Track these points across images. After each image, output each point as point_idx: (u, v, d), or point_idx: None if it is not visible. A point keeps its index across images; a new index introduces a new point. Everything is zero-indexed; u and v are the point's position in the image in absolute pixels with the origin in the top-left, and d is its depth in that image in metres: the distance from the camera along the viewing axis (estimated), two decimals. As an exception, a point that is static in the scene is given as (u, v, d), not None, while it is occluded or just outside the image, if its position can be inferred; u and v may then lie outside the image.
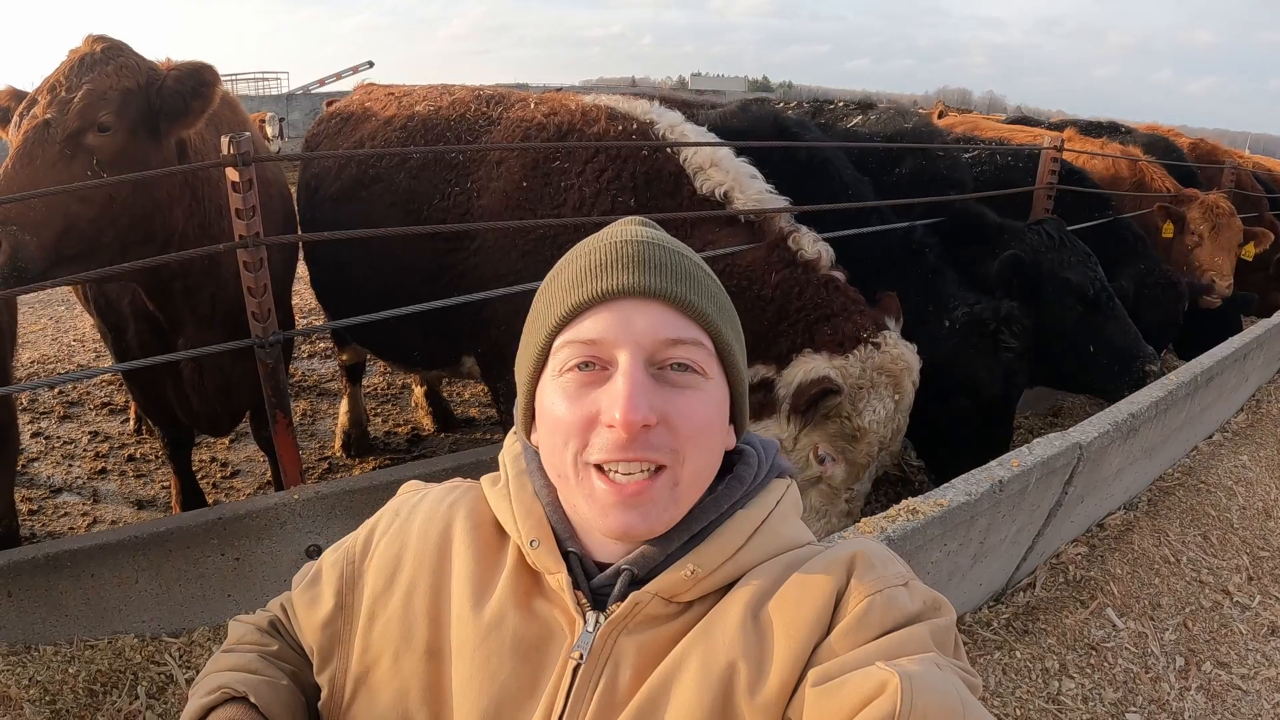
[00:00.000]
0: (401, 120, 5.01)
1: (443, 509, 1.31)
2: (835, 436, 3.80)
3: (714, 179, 4.15)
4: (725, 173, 4.17)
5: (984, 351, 4.51)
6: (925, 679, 0.95)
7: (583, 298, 1.13)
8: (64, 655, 3.46)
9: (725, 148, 4.30)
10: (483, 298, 4.16)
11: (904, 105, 10.21)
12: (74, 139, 3.33)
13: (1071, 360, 5.05)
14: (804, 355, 3.84)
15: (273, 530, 3.78)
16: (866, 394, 3.79)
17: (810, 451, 3.83)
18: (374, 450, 6.43)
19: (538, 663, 1.15)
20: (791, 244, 4.04)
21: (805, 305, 3.93)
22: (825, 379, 3.70)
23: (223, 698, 1.22)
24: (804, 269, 4.01)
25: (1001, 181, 6.26)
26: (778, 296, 3.95)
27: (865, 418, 3.79)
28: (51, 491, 5.69)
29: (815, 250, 4.05)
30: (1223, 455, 6.07)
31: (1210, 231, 7.38)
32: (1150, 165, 8.02)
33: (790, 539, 1.22)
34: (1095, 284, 5.06)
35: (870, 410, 3.80)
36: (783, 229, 4.12)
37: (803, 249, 4.04)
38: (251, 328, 3.76)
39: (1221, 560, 4.76)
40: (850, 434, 3.80)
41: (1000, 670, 3.74)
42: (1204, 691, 3.79)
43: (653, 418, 1.08)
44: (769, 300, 3.95)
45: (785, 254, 4.03)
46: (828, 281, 4.00)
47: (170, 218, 3.69)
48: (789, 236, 4.07)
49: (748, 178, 4.21)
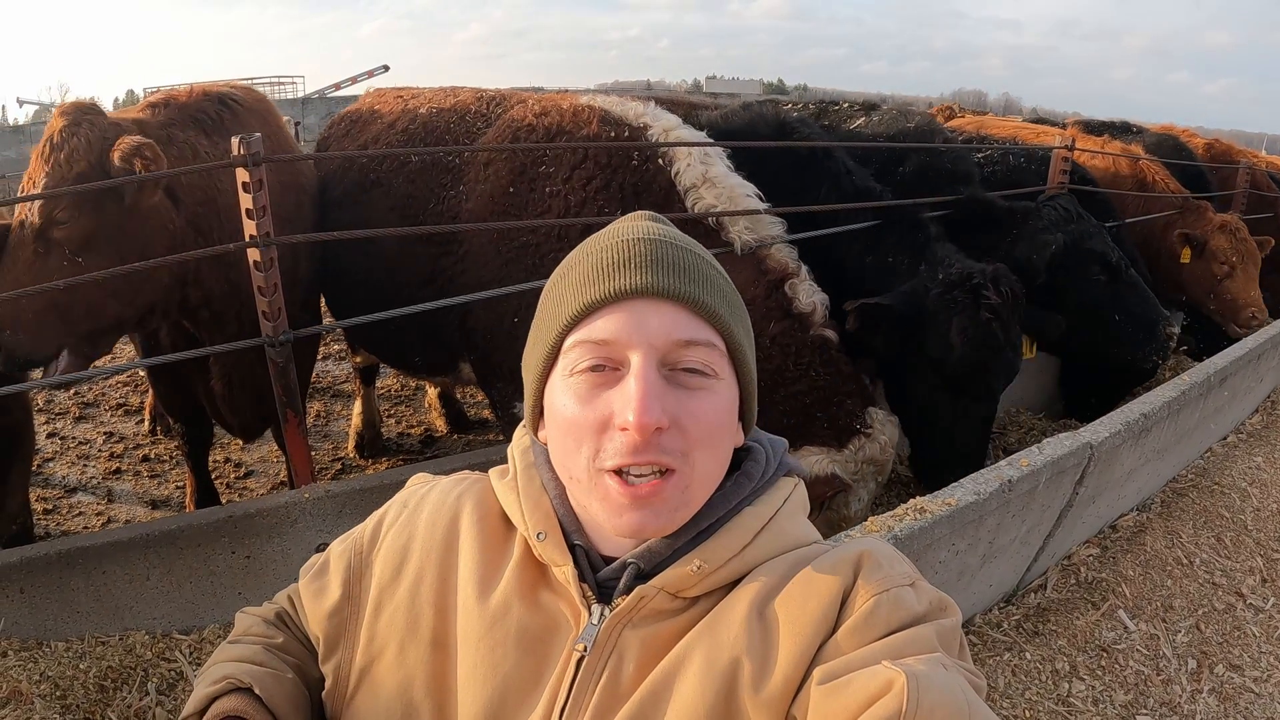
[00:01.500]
0: (404, 123, 5.01)
1: (450, 500, 1.31)
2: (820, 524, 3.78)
3: (706, 200, 4.03)
4: (718, 194, 4.05)
5: (965, 309, 4.20)
6: (932, 679, 0.94)
7: (595, 297, 1.12)
8: (75, 651, 3.48)
9: (722, 164, 4.17)
10: (452, 303, 4.15)
11: (908, 106, 10.17)
12: (42, 236, 3.43)
13: (1099, 331, 5.10)
14: (803, 451, 3.79)
15: (283, 529, 3.79)
16: (856, 487, 3.79)
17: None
18: (387, 451, 6.45)
19: (542, 654, 1.15)
20: (788, 290, 3.95)
21: (803, 385, 3.85)
22: (835, 478, 3.69)
23: (227, 688, 1.23)
24: (798, 323, 3.91)
25: (1011, 182, 6.23)
26: (775, 354, 3.86)
27: (852, 509, 3.80)
28: (67, 491, 5.73)
29: (810, 303, 3.94)
30: (1237, 456, 6.03)
31: (1241, 261, 7.09)
32: (1152, 164, 7.76)
33: (797, 537, 1.22)
34: (1115, 252, 5.07)
35: (857, 501, 3.81)
36: (785, 266, 4.03)
37: (798, 298, 3.94)
38: (262, 327, 3.79)
39: (1235, 562, 4.73)
40: (835, 524, 3.77)
41: (1010, 671, 3.72)
42: (1216, 694, 3.76)
43: (665, 420, 1.07)
44: (766, 354, 3.81)
45: (782, 301, 3.94)
46: (821, 347, 3.91)
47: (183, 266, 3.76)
48: (786, 282, 3.97)
49: (742, 198, 4.10)
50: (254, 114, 4.43)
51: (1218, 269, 7.10)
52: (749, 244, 4.05)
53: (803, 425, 3.84)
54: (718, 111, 5.70)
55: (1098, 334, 5.18)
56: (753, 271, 4.01)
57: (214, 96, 4.27)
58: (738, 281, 3.88)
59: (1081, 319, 5.09)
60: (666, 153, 4.16)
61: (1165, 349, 5.14)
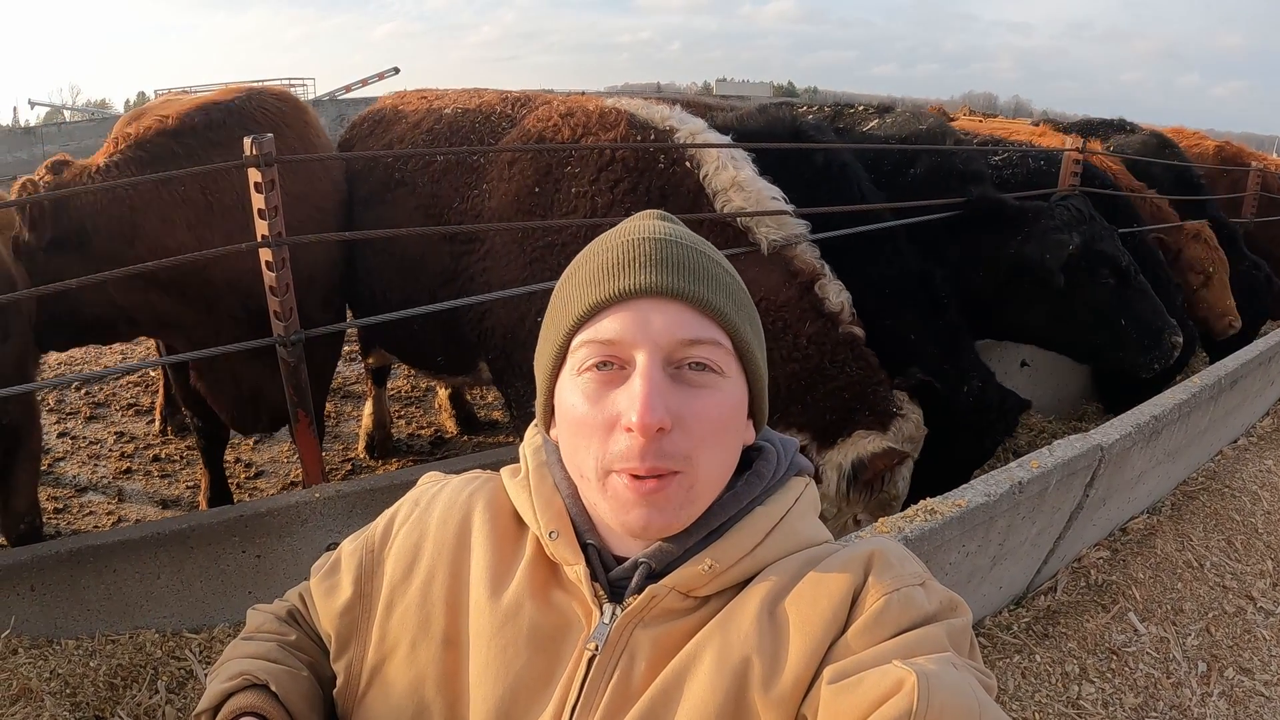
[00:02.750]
0: (429, 123, 5.03)
1: (462, 499, 1.31)
2: (872, 505, 3.92)
3: (735, 203, 4.10)
4: (747, 197, 4.11)
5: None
6: (942, 678, 0.94)
7: (600, 297, 1.13)
8: (85, 649, 3.50)
9: (749, 167, 4.22)
10: (471, 302, 4.20)
11: (922, 109, 10.17)
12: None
13: (1104, 334, 5.09)
14: (856, 435, 3.92)
15: (294, 528, 3.81)
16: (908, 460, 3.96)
17: (849, 520, 3.94)
18: (397, 452, 6.46)
19: (553, 653, 1.15)
20: (819, 290, 4.05)
21: (841, 380, 3.97)
22: (893, 450, 3.82)
23: (244, 684, 1.23)
24: (830, 322, 4.03)
25: (1024, 185, 6.21)
26: (813, 353, 3.97)
27: (899, 485, 3.94)
28: (77, 490, 5.75)
29: (839, 301, 4.06)
30: (1247, 459, 6.01)
31: (1215, 270, 6.93)
32: (1106, 159, 7.38)
33: (808, 536, 1.22)
34: (1125, 255, 5.09)
35: (901, 479, 3.94)
36: (813, 268, 4.11)
37: (828, 298, 4.05)
38: (273, 326, 3.81)
39: (1245, 565, 4.72)
40: (885, 502, 3.91)
41: (1019, 674, 3.71)
42: (1226, 697, 3.75)
43: (668, 420, 1.07)
44: (804, 353, 3.96)
45: (815, 301, 4.04)
46: (852, 344, 4.04)
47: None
48: (816, 283, 4.07)
49: (769, 201, 4.17)
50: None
51: (1194, 278, 6.94)
52: (776, 243, 4.11)
53: (846, 419, 3.96)
54: (733, 114, 5.71)
55: (1101, 336, 5.16)
56: (783, 274, 4.09)
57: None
58: (770, 285, 3.94)
59: (1087, 320, 5.08)
60: (694, 156, 4.20)
61: (1169, 357, 5.11)
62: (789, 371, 3.93)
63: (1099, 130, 9.07)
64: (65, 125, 26.86)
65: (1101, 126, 9.30)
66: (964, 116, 11.31)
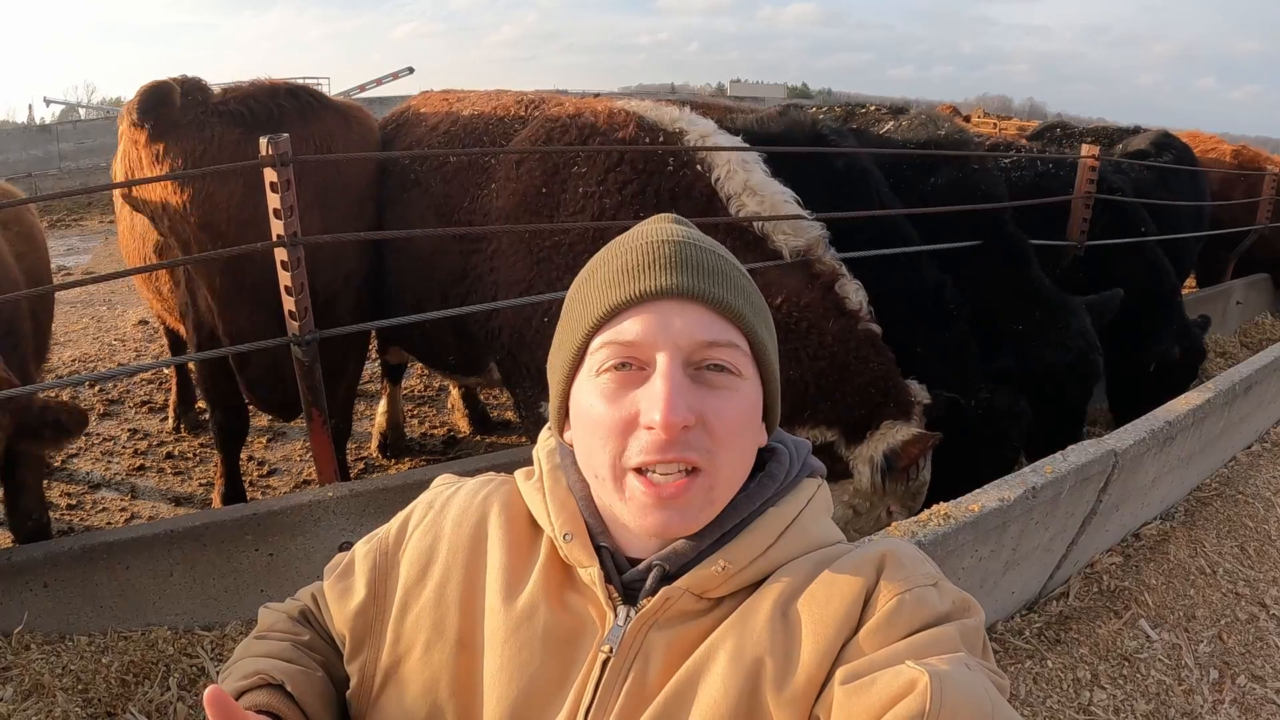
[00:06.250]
0: (446, 125, 5.05)
1: (477, 501, 1.32)
2: (903, 495, 3.95)
3: (749, 207, 4.10)
4: (761, 201, 4.12)
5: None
6: (955, 678, 0.95)
7: (621, 298, 1.13)
8: (98, 645, 3.51)
9: (761, 171, 4.22)
10: (481, 309, 4.23)
11: (936, 110, 10.12)
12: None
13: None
14: (885, 425, 3.95)
15: (306, 527, 3.82)
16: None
17: (883, 514, 3.96)
18: (410, 451, 6.48)
19: (568, 655, 1.15)
20: (839, 290, 4.08)
21: (866, 376, 4.00)
22: (924, 435, 3.85)
23: (259, 683, 1.22)
24: (852, 320, 4.05)
25: (1039, 189, 6.19)
26: (838, 350, 3.99)
27: (926, 473, 3.99)
28: (90, 487, 5.78)
29: (858, 300, 4.10)
30: (1261, 466, 5.98)
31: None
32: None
33: (821, 537, 1.22)
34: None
35: (927, 466, 3.98)
36: (832, 269, 4.13)
37: (848, 297, 4.08)
38: (288, 325, 3.82)
39: (1259, 572, 4.69)
40: (915, 491, 3.96)
41: (1031, 679, 3.70)
42: (1238, 705, 3.73)
43: (691, 418, 1.08)
44: (830, 351, 3.98)
45: (836, 301, 4.06)
46: (872, 340, 4.07)
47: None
48: (836, 283, 4.09)
49: (783, 205, 4.17)
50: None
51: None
52: (798, 249, 4.12)
53: (874, 412, 3.99)
54: (753, 116, 5.71)
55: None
56: (804, 276, 4.10)
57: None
58: (793, 287, 3.96)
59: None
60: (705, 159, 4.20)
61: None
62: (817, 369, 3.94)
63: (1111, 139, 8.94)
64: (80, 123, 26.92)
65: (1118, 134, 9.21)
66: (978, 119, 11.26)
